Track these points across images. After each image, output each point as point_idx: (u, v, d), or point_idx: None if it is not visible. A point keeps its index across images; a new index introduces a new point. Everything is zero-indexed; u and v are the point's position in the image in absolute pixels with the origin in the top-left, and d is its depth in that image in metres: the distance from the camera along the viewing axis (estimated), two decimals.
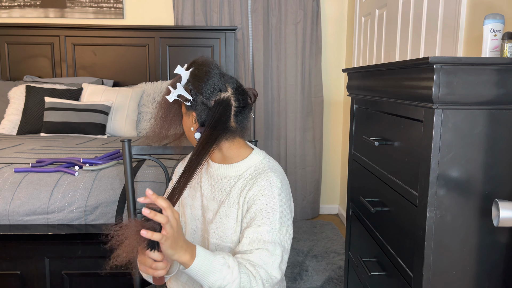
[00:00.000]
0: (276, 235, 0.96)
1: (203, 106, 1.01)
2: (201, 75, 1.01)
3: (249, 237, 0.95)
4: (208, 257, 0.87)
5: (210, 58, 1.06)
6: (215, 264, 0.87)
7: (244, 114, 1.05)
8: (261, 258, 0.93)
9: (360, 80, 1.44)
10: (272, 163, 1.07)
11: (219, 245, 1.03)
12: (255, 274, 0.91)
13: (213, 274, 0.86)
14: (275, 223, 0.96)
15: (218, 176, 1.08)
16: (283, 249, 0.97)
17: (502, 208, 0.77)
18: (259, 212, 0.97)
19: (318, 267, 2.47)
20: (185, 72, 1.03)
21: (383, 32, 2.48)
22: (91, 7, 3.22)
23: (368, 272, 1.26)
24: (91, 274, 1.60)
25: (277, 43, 3.25)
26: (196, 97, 1.01)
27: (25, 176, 1.65)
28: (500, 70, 0.87)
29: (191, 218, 1.13)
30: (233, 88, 1.03)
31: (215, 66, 1.04)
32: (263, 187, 0.99)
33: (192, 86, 1.01)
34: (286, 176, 1.07)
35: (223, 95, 1.01)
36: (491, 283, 0.95)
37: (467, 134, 0.90)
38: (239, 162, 1.06)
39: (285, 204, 1.00)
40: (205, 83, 1.00)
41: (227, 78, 1.04)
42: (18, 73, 3.15)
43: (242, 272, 0.89)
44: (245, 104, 1.05)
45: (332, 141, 3.48)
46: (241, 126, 1.05)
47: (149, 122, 2.87)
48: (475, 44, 1.51)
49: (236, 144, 1.06)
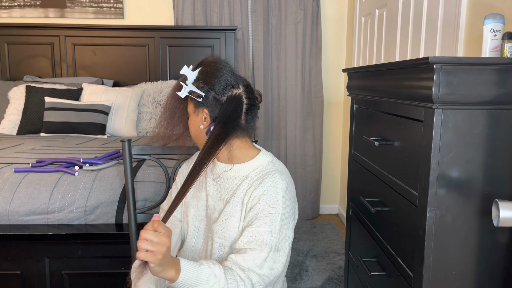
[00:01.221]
0: (275, 237, 0.95)
1: (215, 102, 1.00)
2: (213, 72, 1.01)
3: (247, 235, 0.95)
4: (193, 269, 0.86)
5: (220, 56, 1.06)
6: (201, 275, 0.86)
7: (253, 113, 1.05)
8: (254, 260, 0.92)
9: (360, 80, 1.44)
10: (279, 165, 1.06)
11: (223, 244, 1.03)
12: (244, 278, 0.90)
13: (200, 285, 0.86)
14: (276, 224, 0.96)
15: (224, 176, 1.07)
16: (279, 252, 0.96)
17: (502, 208, 0.77)
18: (261, 212, 0.97)
19: (318, 267, 2.47)
20: (191, 72, 1.02)
21: (383, 32, 2.48)
22: (91, 7, 3.22)
23: (368, 272, 1.26)
24: (91, 274, 1.60)
25: (277, 43, 3.25)
26: (208, 93, 1.00)
27: (25, 176, 1.65)
28: (500, 70, 0.87)
29: (194, 219, 1.12)
30: (244, 85, 1.03)
31: (226, 63, 1.04)
32: (269, 187, 0.98)
33: (203, 83, 1.01)
34: (292, 180, 1.07)
35: (235, 91, 1.01)
36: (491, 283, 0.95)
37: (467, 134, 0.90)
38: (246, 163, 1.05)
39: (288, 207, 0.99)
40: (218, 78, 1.00)
41: (237, 76, 1.04)
42: (18, 73, 3.15)
43: (229, 279, 0.89)
44: (254, 103, 1.05)
45: (332, 141, 3.48)
46: (249, 125, 1.04)
47: (149, 122, 2.87)
48: (475, 44, 1.51)
49: (245, 143, 1.06)
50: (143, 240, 0.79)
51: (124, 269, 1.59)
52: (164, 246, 0.79)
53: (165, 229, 0.81)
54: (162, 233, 0.80)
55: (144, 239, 0.79)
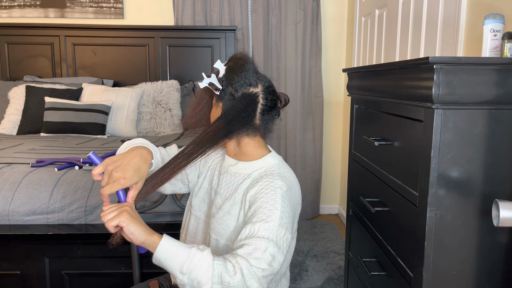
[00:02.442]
0: (273, 233, 0.91)
1: (230, 97, 1.02)
2: (235, 68, 1.02)
3: (246, 232, 0.93)
4: (176, 242, 0.87)
5: (248, 54, 1.07)
6: (184, 247, 0.86)
7: (271, 115, 1.05)
8: (250, 253, 0.88)
9: (360, 80, 1.44)
10: (285, 169, 1.05)
11: (218, 241, 1.03)
12: (234, 264, 0.86)
13: (180, 256, 0.85)
14: (275, 221, 0.93)
15: (228, 171, 1.08)
16: (277, 248, 0.91)
17: (502, 208, 0.77)
18: (259, 209, 0.95)
19: (318, 267, 2.47)
20: (222, 67, 1.04)
21: (383, 32, 2.48)
22: (91, 7, 3.22)
23: (368, 272, 1.26)
24: (91, 274, 1.59)
25: (277, 43, 3.25)
26: (226, 88, 1.02)
27: (25, 176, 1.65)
28: (500, 70, 0.87)
29: (196, 209, 1.13)
30: (264, 86, 1.04)
31: (251, 62, 1.05)
32: (266, 186, 0.97)
33: (225, 77, 1.03)
34: (297, 186, 1.04)
35: (251, 90, 1.01)
36: (491, 283, 0.95)
37: (467, 134, 0.90)
38: (252, 161, 1.05)
39: (287, 207, 0.96)
40: (238, 75, 1.01)
41: (260, 75, 1.05)
42: (18, 73, 3.15)
43: (217, 259, 0.86)
44: (274, 105, 1.05)
45: (332, 141, 3.48)
46: (265, 125, 1.04)
47: (149, 122, 2.87)
48: (475, 44, 1.51)
49: (255, 142, 1.06)
50: (104, 215, 0.86)
51: (124, 269, 1.59)
52: (125, 205, 0.87)
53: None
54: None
55: (105, 214, 0.86)
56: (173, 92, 2.94)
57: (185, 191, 1.20)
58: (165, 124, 2.87)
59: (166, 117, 2.88)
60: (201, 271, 0.84)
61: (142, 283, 1.22)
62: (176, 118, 2.90)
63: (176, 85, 2.99)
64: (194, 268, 0.84)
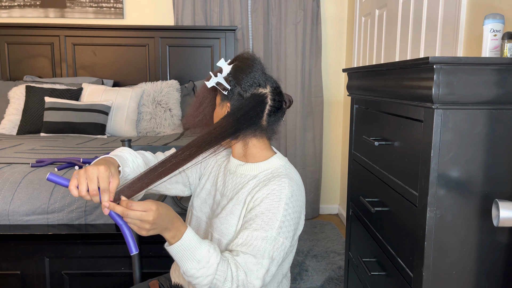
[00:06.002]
0: (270, 244, 0.93)
1: (238, 97, 1.01)
2: (243, 68, 1.01)
3: (242, 238, 0.94)
4: (193, 242, 0.87)
5: (254, 54, 1.06)
6: (197, 253, 0.87)
7: (277, 116, 1.05)
8: (246, 264, 0.91)
9: (360, 80, 1.44)
10: (291, 170, 1.05)
11: (220, 241, 1.03)
12: (234, 276, 0.89)
13: (189, 261, 0.86)
14: (273, 231, 0.93)
15: (234, 172, 1.08)
16: (272, 260, 0.93)
17: (502, 208, 0.77)
18: (260, 215, 0.95)
19: (318, 267, 2.47)
20: (227, 66, 1.03)
21: (383, 32, 2.48)
22: (91, 7, 3.22)
23: (368, 272, 1.26)
24: (91, 274, 1.59)
25: (277, 43, 3.25)
26: (234, 87, 1.01)
27: (25, 176, 1.65)
28: (500, 70, 0.87)
29: (198, 210, 1.13)
30: (272, 87, 1.04)
31: (259, 62, 1.04)
32: (273, 191, 0.97)
33: (232, 77, 1.02)
34: (302, 188, 1.04)
35: (260, 90, 1.01)
36: (491, 283, 0.95)
37: (467, 134, 0.90)
38: (258, 163, 1.05)
39: (289, 215, 0.96)
40: (247, 75, 1.00)
41: (268, 76, 1.05)
42: (18, 73, 3.15)
43: (220, 270, 0.88)
44: (280, 106, 1.05)
45: (332, 141, 3.48)
46: (271, 127, 1.05)
47: (149, 122, 2.87)
48: (475, 44, 1.51)
49: (262, 143, 1.06)
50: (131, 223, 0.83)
51: (124, 269, 1.59)
52: (147, 219, 0.82)
53: (139, 205, 0.82)
54: (139, 211, 0.82)
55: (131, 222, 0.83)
56: (173, 92, 2.94)
57: (187, 193, 1.20)
58: (165, 124, 2.87)
59: (166, 117, 2.88)
60: (203, 283, 0.88)
61: (142, 283, 1.22)
62: (176, 118, 2.90)
63: (176, 85, 2.99)
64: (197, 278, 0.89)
